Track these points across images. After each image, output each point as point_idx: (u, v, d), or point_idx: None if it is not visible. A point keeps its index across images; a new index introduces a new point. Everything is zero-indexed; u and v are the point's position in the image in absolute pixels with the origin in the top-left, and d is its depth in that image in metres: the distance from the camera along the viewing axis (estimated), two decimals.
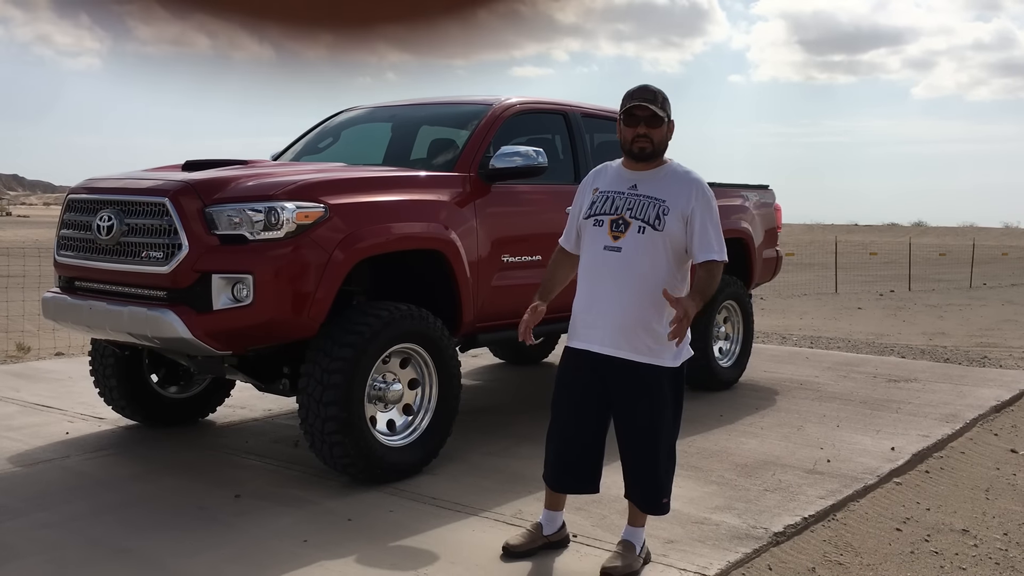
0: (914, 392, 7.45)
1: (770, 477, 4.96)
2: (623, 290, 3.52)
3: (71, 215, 4.99)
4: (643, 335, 3.52)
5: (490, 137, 5.54)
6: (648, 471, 3.66)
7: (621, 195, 3.58)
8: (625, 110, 3.56)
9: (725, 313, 7.50)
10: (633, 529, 3.77)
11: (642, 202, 3.53)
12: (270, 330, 4.44)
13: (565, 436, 3.72)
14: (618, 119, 3.64)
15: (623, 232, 3.52)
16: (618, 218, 3.54)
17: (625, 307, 3.52)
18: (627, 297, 3.51)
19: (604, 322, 3.56)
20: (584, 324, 3.63)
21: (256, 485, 4.71)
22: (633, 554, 3.69)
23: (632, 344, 3.53)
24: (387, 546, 3.90)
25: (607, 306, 3.55)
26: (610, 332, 3.55)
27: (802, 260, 25.15)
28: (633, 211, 3.53)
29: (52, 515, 4.20)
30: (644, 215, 3.51)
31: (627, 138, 3.58)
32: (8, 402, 6.49)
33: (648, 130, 3.54)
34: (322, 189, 4.58)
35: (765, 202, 8.11)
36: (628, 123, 3.56)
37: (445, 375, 4.95)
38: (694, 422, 6.21)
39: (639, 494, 3.72)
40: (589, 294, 3.62)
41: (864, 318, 14.38)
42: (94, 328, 4.84)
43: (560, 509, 3.91)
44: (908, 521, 4.51)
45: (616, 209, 3.56)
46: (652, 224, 3.49)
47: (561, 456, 3.75)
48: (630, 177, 3.62)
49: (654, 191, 3.55)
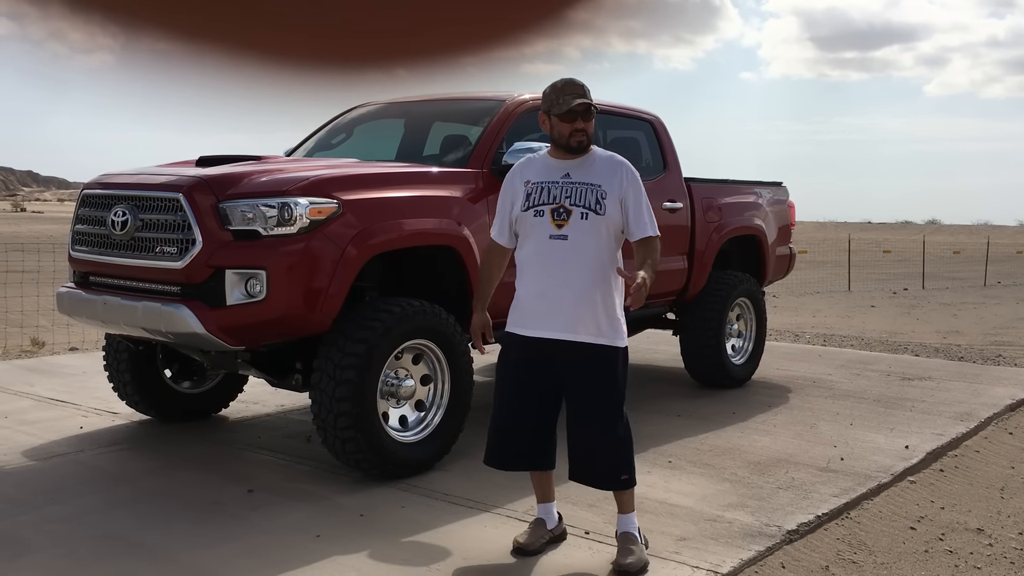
0: (928, 390, 7.41)
1: (783, 475, 4.94)
2: (573, 276, 3.61)
3: (85, 210, 5.01)
4: (598, 317, 3.64)
5: (503, 133, 5.53)
6: (611, 448, 3.72)
7: (556, 184, 3.66)
8: (563, 107, 3.61)
9: (738, 310, 7.47)
10: (626, 517, 3.81)
11: (579, 189, 3.63)
12: (283, 325, 4.45)
13: (513, 417, 3.77)
14: (545, 114, 3.70)
15: (566, 220, 3.61)
16: (558, 207, 3.63)
17: (577, 292, 3.61)
18: (578, 282, 3.61)
19: (557, 308, 3.63)
20: (534, 312, 3.69)
21: (269, 480, 4.72)
22: (638, 544, 3.73)
23: (588, 327, 3.63)
24: (399, 542, 3.90)
25: (559, 293, 3.63)
26: (565, 318, 3.63)
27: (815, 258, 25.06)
28: (572, 199, 3.62)
29: (65, 509, 4.22)
30: (584, 201, 3.61)
31: (564, 133, 3.65)
32: (23, 396, 6.53)
33: (584, 123, 3.64)
34: (335, 185, 4.58)
35: (778, 199, 8.08)
36: (566, 118, 3.62)
37: (457, 371, 4.94)
38: (706, 419, 6.20)
39: (598, 472, 3.77)
40: (537, 282, 3.68)
41: (877, 316, 14.32)
42: (108, 323, 4.86)
43: (552, 500, 3.94)
44: (922, 520, 4.49)
45: (554, 198, 3.64)
46: (594, 209, 3.60)
47: (509, 437, 3.79)
48: (561, 166, 3.70)
49: (587, 178, 3.66)
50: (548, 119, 3.69)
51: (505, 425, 3.80)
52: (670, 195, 6.68)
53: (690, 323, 7.14)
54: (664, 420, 6.15)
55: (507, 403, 3.79)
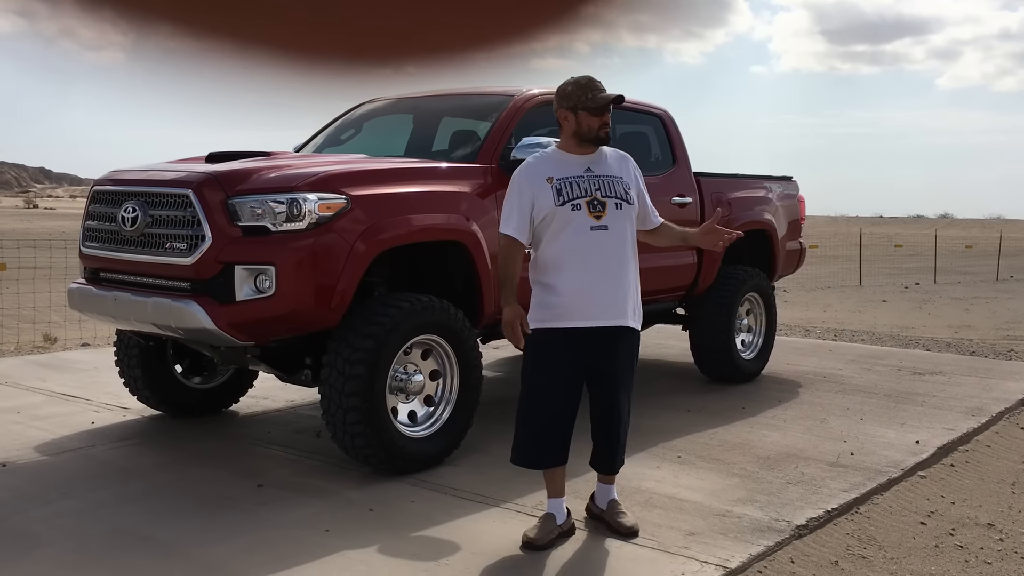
0: (939, 385, 7.38)
1: (793, 470, 4.93)
2: (615, 264, 3.76)
3: (96, 207, 5.03)
4: (634, 302, 3.86)
5: (511, 128, 5.53)
6: (623, 430, 3.97)
7: (582, 178, 3.78)
8: (592, 100, 3.75)
9: (748, 305, 7.45)
10: (612, 487, 4.08)
11: (606, 181, 3.78)
12: (292, 321, 4.46)
13: (550, 416, 3.84)
14: (570, 110, 3.79)
15: (603, 211, 3.73)
16: (592, 199, 3.74)
17: (620, 279, 3.78)
18: (619, 270, 3.78)
19: (610, 298, 3.76)
20: (583, 303, 3.75)
21: (278, 475, 4.73)
22: (624, 508, 4.05)
23: (630, 312, 3.83)
24: (408, 536, 3.91)
25: (607, 281, 3.75)
26: (615, 305, 3.77)
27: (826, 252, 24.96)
28: (603, 191, 3.76)
29: (77, 503, 4.25)
30: (615, 192, 3.77)
31: (594, 126, 3.78)
32: (35, 392, 6.56)
33: (609, 117, 3.82)
34: (344, 180, 4.58)
35: (788, 193, 8.06)
36: (596, 113, 3.76)
37: (466, 366, 4.95)
38: (716, 414, 6.19)
39: (617, 456, 4.00)
40: (584, 274, 3.74)
41: (889, 311, 14.27)
42: (119, 319, 4.89)
43: (564, 495, 3.98)
44: (933, 515, 4.48)
45: (585, 191, 3.75)
46: (625, 199, 3.79)
47: (547, 434, 3.86)
48: (580, 161, 3.82)
49: (607, 170, 3.82)
50: (574, 115, 3.78)
51: (544, 422, 3.84)
52: (679, 190, 6.66)
53: (700, 318, 7.13)
54: (673, 415, 6.15)
55: (547, 399, 3.82)
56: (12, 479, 4.61)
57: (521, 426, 3.90)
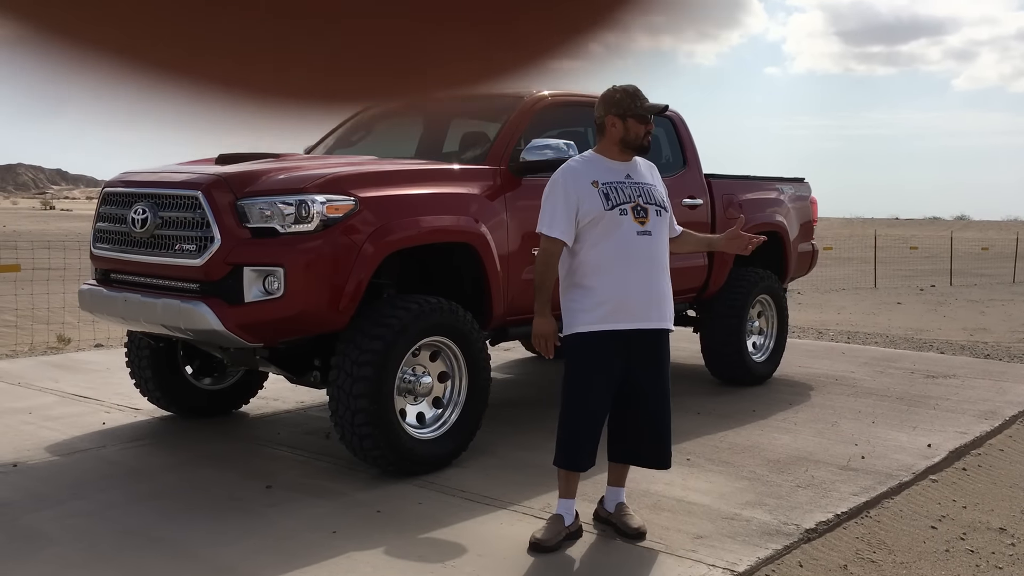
0: (953, 388, 7.33)
1: (803, 473, 4.91)
2: (656, 268, 3.86)
3: (107, 208, 5.06)
4: (670, 304, 3.95)
5: (521, 130, 5.52)
6: (667, 428, 4.03)
7: (624, 185, 3.87)
8: (638, 108, 3.86)
9: (759, 308, 7.42)
10: (621, 490, 4.10)
11: (645, 188, 3.89)
12: (300, 322, 4.47)
13: (597, 418, 3.91)
14: (618, 117, 3.86)
15: (645, 217, 3.83)
16: (636, 205, 3.83)
17: (660, 283, 3.88)
18: (659, 274, 3.88)
19: (654, 301, 3.85)
20: (625, 305, 3.82)
21: (287, 476, 4.75)
22: (632, 510, 4.06)
23: (669, 314, 3.93)
24: (415, 538, 3.91)
25: (646, 285, 3.83)
26: (657, 307, 3.86)
27: (841, 254, 24.84)
28: (643, 197, 3.86)
29: (87, 504, 4.27)
30: (654, 200, 3.89)
31: (640, 133, 3.89)
32: (47, 392, 6.60)
33: (652, 126, 3.95)
34: (352, 182, 4.59)
35: (800, 195, 8.02)
36: (643, 120, 3.88)
37: (475, 368, 4.95)
38: (726, 417, 6.17)
39: (658, 453, 4.03)
40: (624, 277, 3.82)
41: (903, 313, 14.18)
42: (129, 320, 4.91)
43: (575, 497, 3.98)
44: (944, 519, 4.44)
45: (630, 197, 3.84)
46: (664, 206, 3.92)
47: (589, 437, 3.91)
48: (621, 168, 3.91)
49: (643, 178, 3.93)
50: (623, 121, 3.87)
51: (590, 424, 3.90)
52: (690, 191, 6.64)
53: (710, 320, 7.10)
54: (683, 417, 6.11)
55: (591, 401, 3.87)
56: (23, 479, 4.64)
57: (565, 428, 3.92)
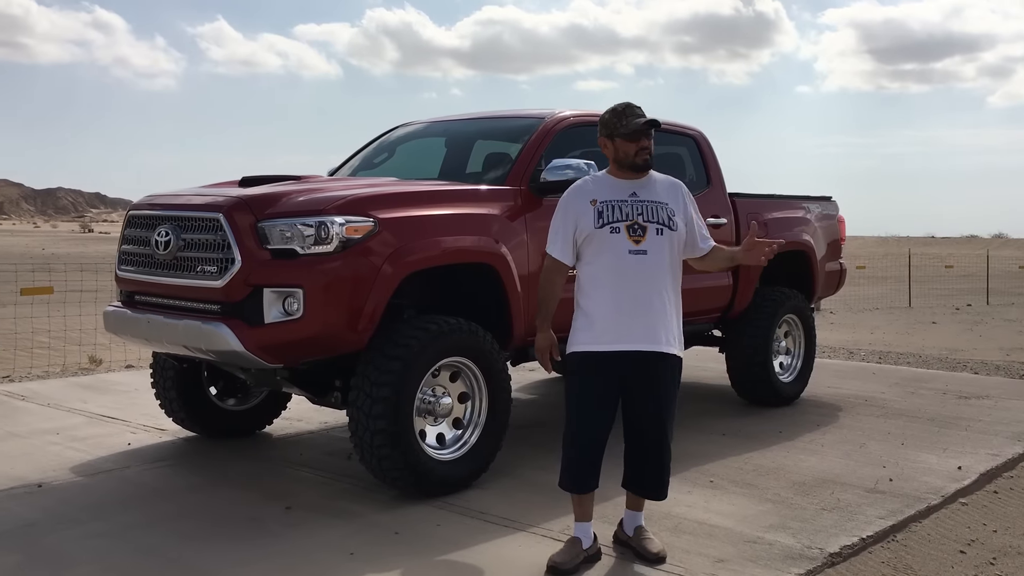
0: (985, 409, 7.19)
1: (828, 496, 4.83)
2: (652, 289, 3.76)
3: (131, 231, 5.12)
4: (672, 328, 3.83)
5: (541, 150, 5.52)
6: (665, 456, 3.89)
7: (626, 203, 3.80)
8: (630, 128, 3.80)
9: (786, 327, 7.34)
10: (639, 513, 4.02)
11: (649, 207, 3.79)
12: (320, 343, 4.48)
13: (594, 438, 3.85)
14: (608, 137, 3.86)
15: (643, 236, 3.75)
16: (632, 223, 3.76)
17: (655, 304, 3.77)
18: (656, 295, 3.77)
19: (640, 320, 3.75)
20: (618, 327, 3.77)
21: (307, 497, 4.75)
22: (652, 534, 3.99)
23: (666, 337, 3.79)
24: (432, 560, 3.89)
25: (641, 305, 3.75)
26: (648, 329, 3.75)
27: (875, 273, 24.54)
28: (645, 216, 3.77)
29: (108, 524, 4.29)
30: (657, 218, 3.78)
31: (630, 152, 3.81)
32: (75, 413, 6.67)
33: (648, 142, 3.83)
34: (371, 203, 4.61)
35: (828, 214, 7.94)
36: (632, 138, 3.80)
37: (495, 389, 4.93)
38: (752, 438, 6.09)
39: (651, 481, 3.92)
40: (616, 297, 3.77)
41: (938, 333, 13.96)
42: (152, 341, 4.95)
43: (591, 520, 3.95)
44: (973, 543, 4.34)
45: (627, 215, 3.77)
46: (667, 225, 3.78)
47: (587, 458, 3.87)
48: (626, 186, 3.84)
49: (653, 196, 3.83)
50: (611, 142, 3.85)
51: (587, 445, 3.85)
52: (714, 211, 6.59)
53: (736, 340, 7.03)
54: (708, 439, 6.05)
55: (588, 422, 3.84)
56: (47, 499, 4.68)
57: (565, 450, 3.91)
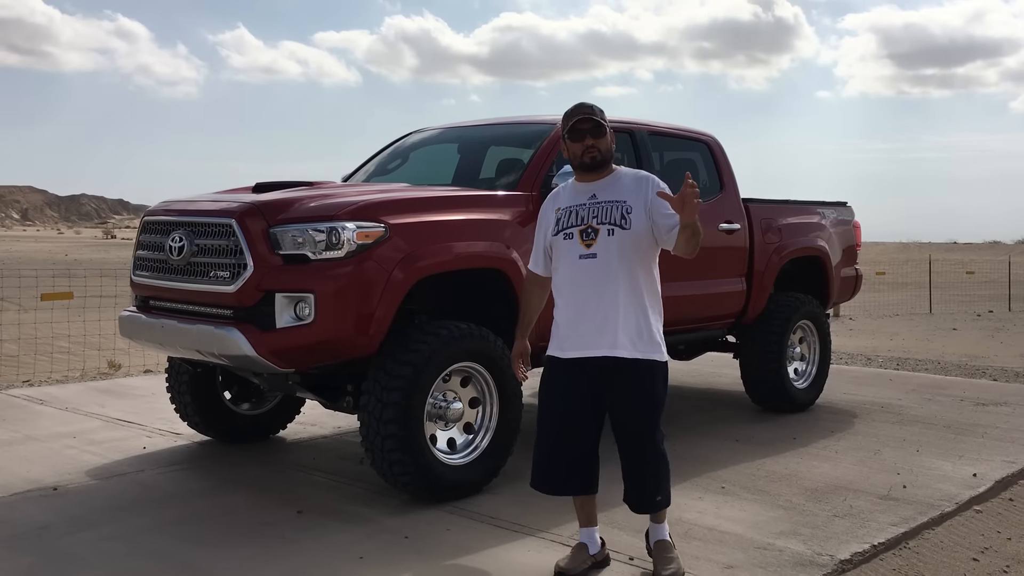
0: (1003, 416, 7.12)
1: (841, 502, 4.80)
2: (606, 292, 3.65)
3: (146, 236, 5.17)
4: (633, 332, 3.66)
5: (552, 156, 5.52)
6: (647, 466, 3.74)
7: (583, 207, 3.75)
8: (570, 127, 3.74)
9: (800, 333, 7.30)
10: (660, 526, 3.87)
11: (604, 207, 3.70)
12: (331, 348, 4.50)
13: (557, 441, 3.78)
14: (563, 140, 3.82)
15: (594, 239, 3.67)
16: (586, 227, 3.71)
17: (609, 309, 3.65)
18: (611, 298, 3.65)
19: (595, 327, 3.66)
20: (575, 333, 3.73)
21: (319, 501, 4.77)
22: (674, 551, 3.83)
23: (625, 342, 3.65)
24: (441, 564, 3.90)
25: (595, 311, 3.66)
26: (603, 334, 3.65)
27: (896, 279, 24.36)
28: (598, 217, 3.69)
29: (121, 528, 4.33)
30: (609, 218, 3.67)
31: (577, 152, 3.75)
32: (93, 417, 6.73)
33: (594, 140, 3.71)
34: (382, 209, 4.63)
35: (843, 219, 7.90)
36: (575, 138, 3.74)
37: (506, 394, 4.94)
38: (765, 444, 6.06)
39: (637, 495, 3.79)
40: (574, 303, 3.73)
41: (959, 339, 13.84)
42: (166, 346, 4.99)
43: (595, 525, 3.92)
44: (986, 551, 4.30)
45: (582, 220, 3.72)
46: (619, 224, 3.65)
47: (551, 462, 3.80)
48: (587, 189, 3.78)
49: (612, 195, 3.72)
50: (565, 144, 3.83)
51: (550, 450, 3.81)
52: (727, 216, 6.58)
53: (750, 346, 7.01)
54: (721, 444, 6.04)
55: (550, 427, 3.80)
56: (62, 502, 4.73)
57: (535, 451, 3.90)
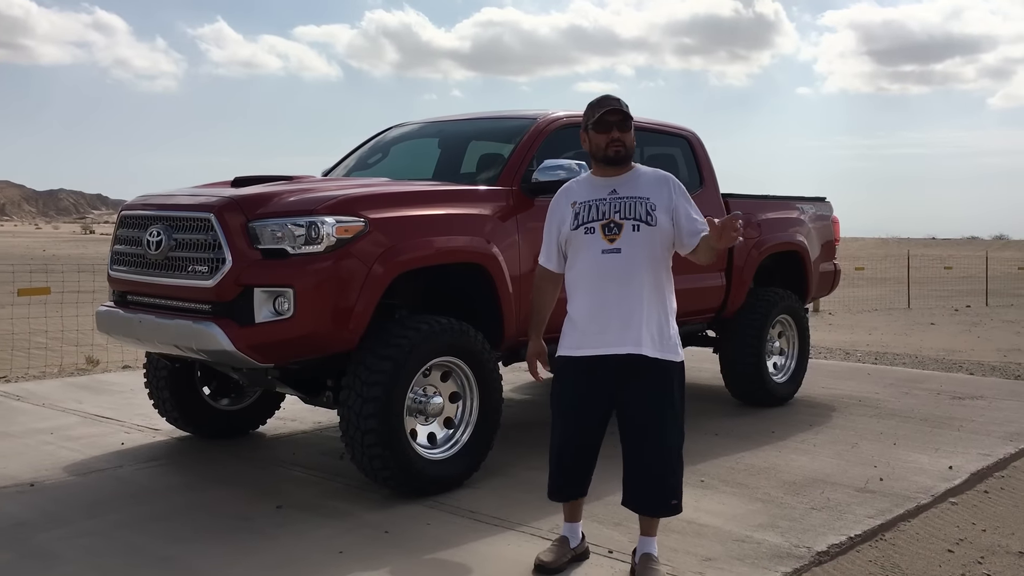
0: (979, 410, 7.20)
1: (818, 495, 4.84)
2: (629, 289, 3.59)
3: (124, 231, 5.14)
4: (655, 330, 3.62)
5: (533, 151, 5.53)
6: (663, 469, 3.67)
7: (604, 201, 3.66)
8: (597, 118, 3.66)
9: (779, 328, 7.35)
10: (649, 540, 3.77)
11: (628, 203, 3.63)
12: (310, 343, 4.49)
13: (576, 444, 3.76)
14: (584, 130, 3.75)
15: (617, 234, 3.60)
16: (608, 222, 3.62)
17: (634, 305, 3.59)
18: (634, 295, 3.59)
19: (621, 323, 3.60)
20: (592, 330, 3.65)
21: (299, 496, 4.76)
22: (659, 566, 3.70)
23: (647, 340, 3.60)
24: (421, 559, 3.90)
25: (616, 307, 3.60)
26: (625, 331, 3.59)
27: (875, 275, 24.55)
28: (622, 212, 3.61)
29: (99, 523, 4.31)
30: (634, 214, 3.61)
31: (601, 144, 3.68)
32: (70, 413, 6.69)
33: (620, 134, 3.65)
34: (362, 203, 4.62)
35: (822, 215, 7.95)
36: (601, 129, 3.67)
37: (486, 389, 4.94)
38: (744, 438, 6.10)
39: (645, 496, 3.72)
40: (592, 299, 3.65)
41: (936, 334, 13.96)
42: (144, 341, 4.97)
43: (580, 520, 3.93)
44: (961, 542, 4.34)
45: (603, 214, 3.63)
46: (645, 220, 3.60)
47: (570, 465, 3.79)
48: (606, 184, 3.71)
49: (634, 191, 3.66)
50: (587, 135, 3.73)
51: (570, 453, 3.77)
52: (707, 211, 6.55)
53: (729, 341, 7.04)
54: (700, 438, 6.06)
55: (571, 430, 3.75)
56: (38, 498, 4.70)
57: (550, 459, 3.85)
